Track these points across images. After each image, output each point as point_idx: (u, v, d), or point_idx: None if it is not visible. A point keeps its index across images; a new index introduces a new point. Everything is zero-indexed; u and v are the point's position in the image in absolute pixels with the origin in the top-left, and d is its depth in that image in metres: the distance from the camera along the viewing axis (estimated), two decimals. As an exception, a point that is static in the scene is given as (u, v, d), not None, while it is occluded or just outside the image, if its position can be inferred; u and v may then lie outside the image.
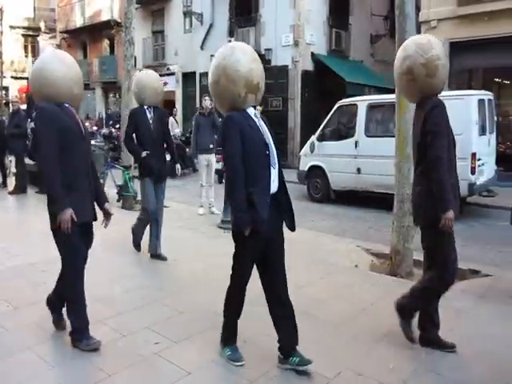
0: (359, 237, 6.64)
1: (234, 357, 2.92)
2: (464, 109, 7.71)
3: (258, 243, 2.75)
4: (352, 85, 14.73)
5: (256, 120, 2.79)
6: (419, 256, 5.06)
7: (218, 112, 11.45)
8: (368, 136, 8.94)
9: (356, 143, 9.08)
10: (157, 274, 4.72)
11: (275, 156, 2.80)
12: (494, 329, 3.45)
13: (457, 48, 11.67)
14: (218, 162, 8.15)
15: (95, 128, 18.64)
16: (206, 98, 7.95)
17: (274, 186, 2.79)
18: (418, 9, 10.20)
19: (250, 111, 2.81)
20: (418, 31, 10.72)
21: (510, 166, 11.13)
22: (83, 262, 3.12)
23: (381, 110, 8.94)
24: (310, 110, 15.70)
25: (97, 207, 3.24)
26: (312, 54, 15.78)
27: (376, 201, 9.07)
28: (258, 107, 3.23)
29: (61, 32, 26.01)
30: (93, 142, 10.90)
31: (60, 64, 3.00)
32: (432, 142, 2.91)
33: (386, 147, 7.92)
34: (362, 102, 9.20)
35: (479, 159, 7.86)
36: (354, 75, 15.32)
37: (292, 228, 2.92)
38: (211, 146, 7.82)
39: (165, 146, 5.24)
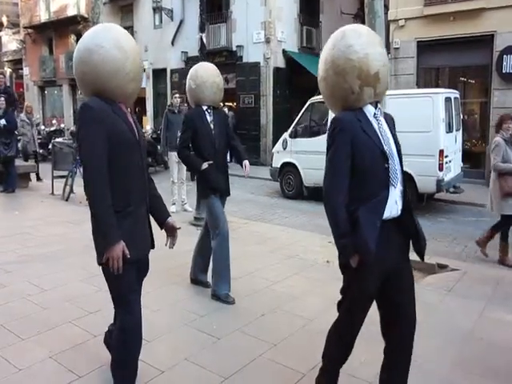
0: (331, 233, 6.69)
1: None
2: (431, 107, 7.90)
3: (372, 276, 2.14)
4: (323, 82, 14.85)
5: (375, 122, 2.17)
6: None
7: (189, 108, 11.39)
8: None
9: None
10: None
11: (398, 171, 2.15)
12: (460, 322, 3.55)
13: (424, 47, 11.94)
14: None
15: (62, 125, 18.18)
16: (176, 94, 7.90)
17: (396, 209, 2.16)
18: (386, 8, 10.37)
19: (368, 110, 2.18)
20: (387, 30, 10.92)
21: (475, 163, 11.47)
22: (139, 307, 2.34)
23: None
24: (282, 107, 15.76)
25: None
26: (283, 51, 15.84)
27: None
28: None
29: (25, 27, 25.20)
30: (60, 139, 10.64)
31: (118, 50, 2.15)
32: None
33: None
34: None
35: (446, 156, 8.07)
36: (325, 73, 15.45)
37: (421, 256, 2.27)
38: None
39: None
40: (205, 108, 3.99)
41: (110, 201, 2.07)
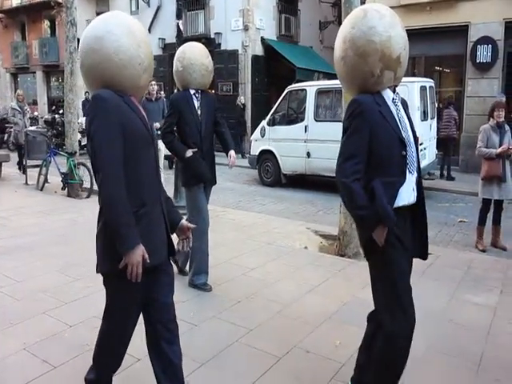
0: (309, 219, 6.79)
1: None
2: (407, 95, 7.97)
3: (404, 256, 2.08)
4: (302, 70, 14.87)
5: (393, 107, 2.08)
6: (365, 236, 5.28)
7: (167, 96, 11.28)
8: (317, 121, 9.10)
9: (305, 128, 9.21)
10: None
11: (414, 158, 2.10)
12: (433, 304, 3.64)
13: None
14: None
15: (36, 114, 17.74)
16: (153, 82, 7.78)
17: (413, 196, 2.11)
18: (363, -4, 10.39)
19: (387, 95, 2.09)
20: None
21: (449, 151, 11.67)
22: (134, 325, 2.10)
23: (329, 95, 9.11)
24: (261, 95, 15.72)
25: None
26: (262, 38, 15.75)
27: (326, 184, 9.29)
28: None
29: (-4, 12, 24.41)
30: (34, 128, 10.41)
31: (130, 38, 1.94)
32: None
33: (335, 132, 8.11)
34: (311, 87, 9.32)
35: (421, 144, 8.18)
36: (304, 61, 15.46)
37: (424, 256, 2.24)
38: (159, 131, 7.66)
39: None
40: (192, 92, 3.77)
41: (127, 200, 1.84)
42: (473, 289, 3.92)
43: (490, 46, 11.08)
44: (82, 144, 13.62)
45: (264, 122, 9.99)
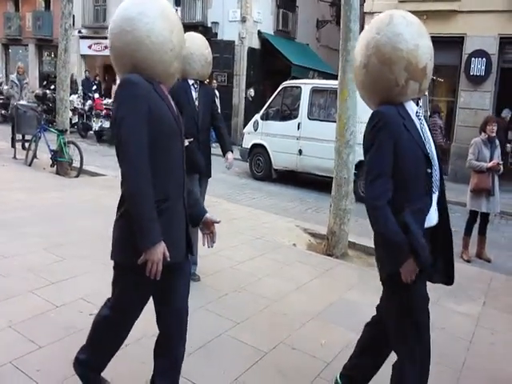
0: (298, 216, 6.82)
1: None
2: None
3: (424, 281, 2.01)
4: (297, 67, 14.87)
5: (417, 121, 1.96)
6: (354, 238, 5.35)
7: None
8: (310, 119, 9.13)
9: (299, 125, 9.24)
10: (93, 244, 4.56)
11: (438, 176, 1.97)
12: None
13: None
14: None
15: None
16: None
17: (434, 218, 2.00)
18: (363, -1, 10.42)
19: (411, 107, 1.97)
20: (363, 21, 10.98)
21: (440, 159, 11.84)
22: (135, 318, 2.07)
23: (324, 94, 9.15)
24: (255, 88, 15.68)
25: None
26: (259, 32, 15.69)
27: (317, 183, 9.35)
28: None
29: (-11, -20, 23.76)
30: (24, 101, 10.20)
31: (164, 21, 1.86)
32: None
33: (328, 131, 8.18)
34: (306, 85, 9.34)
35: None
36: (300, 57, 15.46)
37: (449, 281, 2.11)
38: None
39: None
40: (191, 82, 3.76)
41: (152, 196, 1.75)
42: (456, 298, 4.00)
43: (484, 59, 11.22)
44: (73, 122, 13.46)
45: (257, 116, 9.99)
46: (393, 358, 2.08)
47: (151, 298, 2.04)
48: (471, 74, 11.39)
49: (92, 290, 3.42)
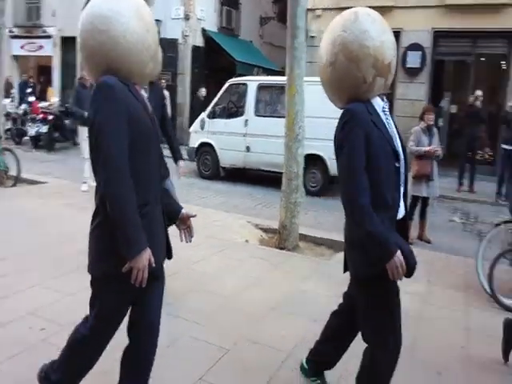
0: (249, 213, 6.85)
1: None
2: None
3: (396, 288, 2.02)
4: (242, 64, 14.90)
5: (383, 117, 1.99)
6: (304, 230, 5.46)
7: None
8: (257, 115, 9.18)
9: (246, 122, 9.27)
10: (41, 256, 4.36)
11: (403, 170, 2.00)
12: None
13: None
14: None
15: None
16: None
17: (401, 211, 2.03)
18: (306, -5, 10.59)
19: (377, 103, 2.00)
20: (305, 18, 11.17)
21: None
22: (114, 332, 1.96)
23: (270, 90, 9.23)
24: (200, 87, 15.54)
25: None
26: (203, 29, 15.56)
27: (265, 179, 9.43)
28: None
29: None
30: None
31: (139, 20, 1.81)
32: None
33: (275, 127, 8.27)
34: (253, 82, 9.38)
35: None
36: (244, 55, 15.50)
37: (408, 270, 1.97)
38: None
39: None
40: None
41: (135, 201, 1.69)
42: (404, 279, 4.17)
43: (419, 52, 11.78)
44: (6, 128, 12.73)
45: (204, 115, 9.91)
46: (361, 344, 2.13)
47: None
48: (407, 66, 11.91)
49: (41, 304, 3.28)
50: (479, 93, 9.40)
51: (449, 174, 9.48)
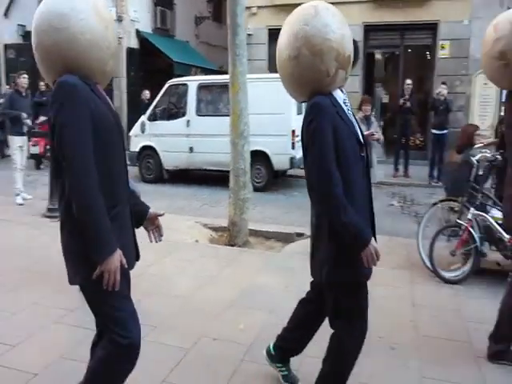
0: (196, 213, 6.83)
1: None
2: (284, 90, 8.39)
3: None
4: (179, 64, 14.75)
5: (346, 108, 2.02)
6: (253, 226, 5.53)
7: (42, 92, 10.26)
8: (199, 115, 9.15)
9: (188, 122, 9.21)
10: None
11: (365, 158, 2.06)
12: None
13: (275, 34, 12.49)
14: (34, 145, 7.47)
15: None
16: (25, 75, 7.09)
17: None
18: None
19: (338, 95, 2.03)
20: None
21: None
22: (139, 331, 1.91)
23: (211, 90, 9.23)
24: (137, 90, 15.22)
25: None
26: (137, 31, 15.23)
27: (209, 178, 9.42)
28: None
29: None
30: None
31: (98, 17, 1.74)
32: None
33: (217, 126, 8.29)
34: (193, 82, 9.32)
35: (297, 136, 8.74)
36: (181, 55, 15.34)
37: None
38: (26, 128, 7.17)
39: None
40: None
41: (103, 202, 1.65)
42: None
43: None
44: None
45: (144, 117, 9.73)
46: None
47: None
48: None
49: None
50: (409, 82, 9.91)
51: (385, 161, 9.93)
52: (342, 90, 2.07)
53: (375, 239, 1.99)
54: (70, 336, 3.03)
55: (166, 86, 9.56)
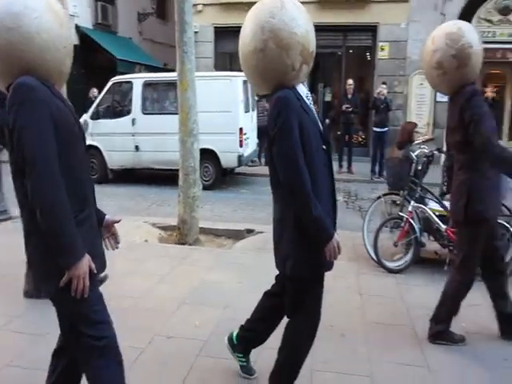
0: (143, 213, 6.75)
1: None
2: (231, 88, 8.51)
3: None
4: (122, 62, 14.39)
5: (308, 102, 2.05)
6: (203, 223, 5.53)
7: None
8: (145, 113, 8.99)
9: (133, 121, 9.02)
10: None
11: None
12: (272, 274, 4.06)
13: (221, 33, 12.60)
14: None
15: None
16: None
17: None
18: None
19: (301, 90, 2.06)
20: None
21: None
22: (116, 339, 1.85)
23: (157, 87, 9.11)
24: (78, 88, 14.67)
25: None
26: (76, 26, 14.67)
27: (156, 178, 9.29)
28: None
29: None
30: None
31: (53, 15, 1.67)
32: (476, 128, 2.64)
33: (164, 124, 8.20)
34: (138, 80, 9.15)
35: (245, 134, 8.83)
36: (124, 52, 14.96)
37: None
38: None
39: None
40: None
41: (68, 205, 1.60)
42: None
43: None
44: None
45: (86, 116, 9.42)
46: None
47: None
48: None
49: None
50: (350, 82, 10.26)
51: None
52: (304, 85, 2.11)
53: (335, 231, 2.06)
54: (16, 342, 2.92)
55: (110, 83, 9.31)
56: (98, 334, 1.75)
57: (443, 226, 4.20)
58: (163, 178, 8.84)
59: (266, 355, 2.51)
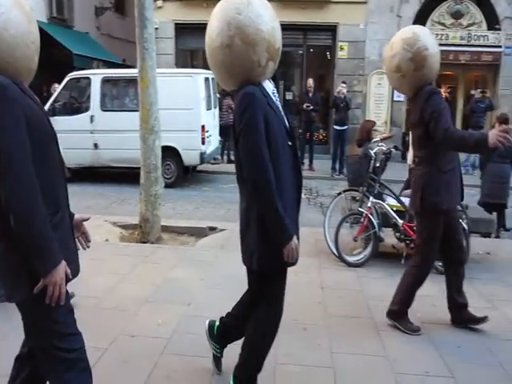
0: (104, 212, 6.60)
1: None
2: (193, 86, 8.45)
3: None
4: (79, 57, 13.98)
5: (274, 99, 2.08)
6: (165, 221, 5.49)
7: None
8: (104, 110, 8.79)
9: (91, 118, 8.81)
10: None
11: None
12: (235, 271, 4.07)
13: (182, 29, 12.47)
14: None
15: None
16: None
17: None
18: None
19: (268, 86, 2.08)
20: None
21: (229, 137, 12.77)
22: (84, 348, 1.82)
23: (117, 84, 8.94)
24: (33, 83, 14.06)
25: None
26: (29, 19, 14.15)
27: (116, 176, 9.12)
28: None
29: None
30: None
31: (20, 10, 1.62)
32: (436, 124, 2.77)
33: (124, 121, 8.06)
34: (96, 76, 8.92)
35: (207, 131, 8.80)
36: (81, 47, 14.54)
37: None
38: None
39: None
40: None
41: (44, 208, 1.54)
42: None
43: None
44: None
45: (42, 112, 9.12)
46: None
47: None
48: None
49: None
50: (311, 81, 10.42)
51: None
52: (271, 81, 2.14)
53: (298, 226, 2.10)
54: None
55: (66, 79, 9.04)
56: (68, 347, 1.70)
57: (400, 221, 4.35)
58: (123, 176, 8.69)
59: (231, 349, 2.54)
